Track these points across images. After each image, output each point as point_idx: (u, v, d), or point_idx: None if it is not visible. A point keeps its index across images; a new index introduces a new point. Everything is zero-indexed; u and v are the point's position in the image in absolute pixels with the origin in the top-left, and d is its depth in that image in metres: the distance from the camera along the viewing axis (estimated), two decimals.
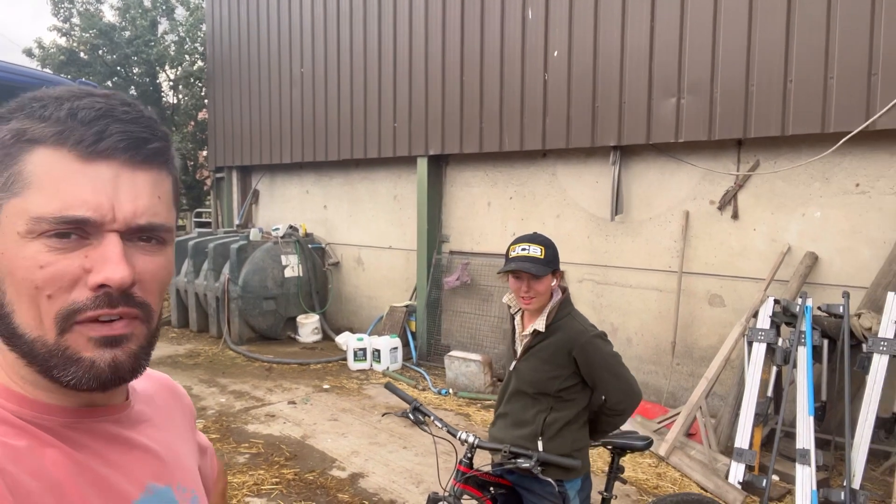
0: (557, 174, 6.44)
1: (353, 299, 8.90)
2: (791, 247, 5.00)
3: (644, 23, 5.45)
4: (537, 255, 2.35)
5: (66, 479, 0.64)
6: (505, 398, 2.58)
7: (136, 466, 0.73)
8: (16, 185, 0.63)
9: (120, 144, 0.65)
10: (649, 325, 5.87)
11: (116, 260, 0.64)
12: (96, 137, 0.63)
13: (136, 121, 0.66)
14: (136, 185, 0.66)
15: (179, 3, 14.62)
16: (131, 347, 0.67)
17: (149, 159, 0.67)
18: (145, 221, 0.66)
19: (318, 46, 8.62)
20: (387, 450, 4.85)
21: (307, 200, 9.51)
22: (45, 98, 0.65)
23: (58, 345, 0.64)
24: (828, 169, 4.83)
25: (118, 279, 0.63)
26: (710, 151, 5.42)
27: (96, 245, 0.64)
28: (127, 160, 0.65)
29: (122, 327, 0.66)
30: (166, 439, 0.81)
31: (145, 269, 0.67)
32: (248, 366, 7.27)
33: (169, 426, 0.84)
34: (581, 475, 2.44)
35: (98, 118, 0.64)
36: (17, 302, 0.64)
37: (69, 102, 0.64)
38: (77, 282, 0.63)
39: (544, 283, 2.38)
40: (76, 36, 13.36)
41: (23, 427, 0.65)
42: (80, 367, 0.64)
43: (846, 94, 4.46)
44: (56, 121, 0.63)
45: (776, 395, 4.51)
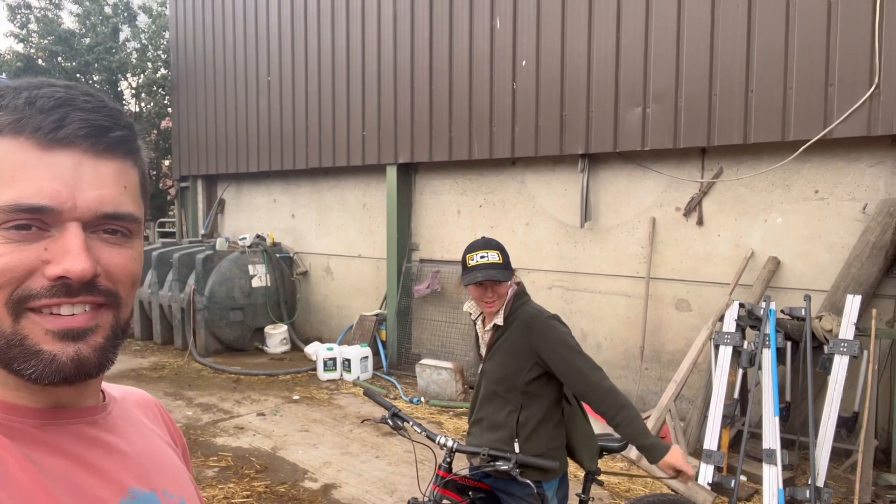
0: (526, 182, 6.50)
1: (322, 309, 8.82)
2: (754, 252, 5.13)
3: (610, 33, 5.56)
4: (496, 260, 2.41)
5: (38, 486, 0.61)
6: (477, 404, 2.59)
7: (116, 470, 0.70)
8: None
9: (80, 132, 0.62)
10: (618, 330, 5.95)
11: (77, 251, 0.61)
12: (55, 125, 0.61)
13: (97, 109, 0.64)
14: (100, 174, 0.64)
15: (142, 11, 14.38)
16: (97, 340, 0.65)
17: (112, 148, 0.65)
18: (111, 210, 0.64)
19: (285, 54, 8.57)
20: (359, 460, 4.80)
21: (275, 209, 9.41)
22: (3, 89, 0.63)
23: (15, 333, 0.61)
24: (788, 176, 4.98)
25: (78, 271, 0.61)
26: (675, 159, 5.54)
27: (57, 237, 0.61)
28: (88, 148, 0.63)
29: (85, 319, 0.63)
30: (149, 445, 0.78)
31: (111, 262, 0.65)
32: (215, 378, 7.13)
33: (152, 433, 0.81)
34: (559, 475, 2.46)
35: (57, 106, 0.62)
36: None
37: (28, 91, 0.62)
38: (33, 273, 0.61)
39: (504, 285, 2.44)
40: (34, 42, 13.03)
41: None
42: (41, 360, 0.61)
43: (805, 104, 4.61)
44: (13, 109, 0.61)
45: (742, 396, 4.61)
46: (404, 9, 7.09)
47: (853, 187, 4.70)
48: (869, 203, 4.61)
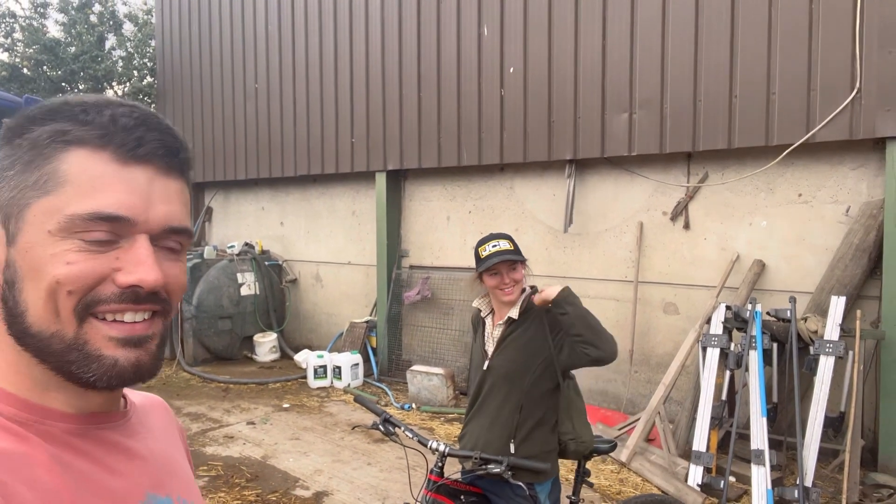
0: (515, 188, 6.54)
1: (311, 316, 8.80)
2: (740, 255, 5.19)
3: (596, 40, 5.62)
4: (508, 247, 2.48)
5: (64, 488, 0.62)
6: (479, 400, 2.61)
7: (136, 475, 0.72)
8: (49, 183, 0.64)
9: (158, 151, 0.68)
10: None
11: (150, 262, 0.65)
12: (136, 143, 0.66)
13: (168, 131, 0.70)
14: (168, 190, 0.69)
15: (127, 19, 14.33)
16: (152, 347, 0.69)
17: (178, 167, 0.70)
18: (176, 224, 0.69)
19: (272, 61, 8.57)
20: (351, 467, 4.80)
21: (263, 217, 9.39)
22: (83, 103, 0.67)
23: (76, 338, 0.64)
24: (772, 180, 5.05)
25: (151, 280, 0.65)
26: (661, 164, 5.60)
27: (127, 248, 0.65)
28: (161, 166, 0.68)
29: (145, 327, 0.67)
30: (165, 451, 0.80)
31: (170, 273, 0.69)
32: (204, 387, 7.09)
33: (167, 439, 0.83)
34: (550, 478, 2.48)
35: (137, 125, 0.67)
36: (34, 299, 0.63)
37: (109, 109, 0.66)
38: (103, 280, 0.64)
39: (520, 271, 2.51)
40: (19, 51, 12.94)
41: (20, 434, 0.63)
42: (102, 365, 0.65)
43: (787, 109, 4.69)
44: (100, 125, 0.65)
45: (730, 398, 4.65)
46: (392, 16, 7.13)
47: (836, 190, 4.77)
48: (852, 206, 4.69)
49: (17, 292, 0.64)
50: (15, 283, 0.64)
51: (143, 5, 14.80)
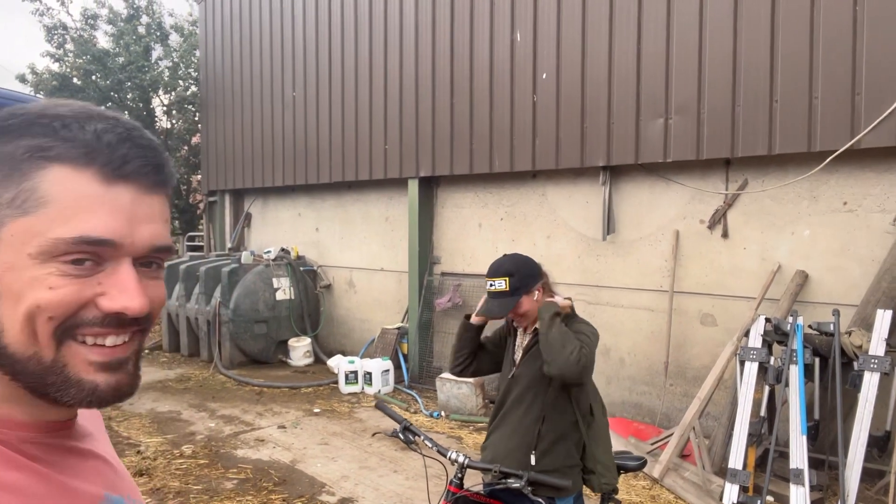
0: (547, 195, 6.46)
1: (344, 322, 8.85)
2: (781, 265, 5.01)
3: (631, 45, 5.52)
4: (503, 288, 2.43)
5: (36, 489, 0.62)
6: (503, 409, 2.57)
7: (93, 477, 0.72)
8: (28, 202, 0.61)
9: (143, 170, 0.65)
10: (641, 345, 5.84)
11: (134, 288, 0.63)
12: (121, 161, 0.63)
13: (151, 146, 0.67)
14: (152, 209, 0.66)
15: (173, 30, 14.76)
16: (130, 368, 0.68)
17: (161, 184, 0.68)
18: (160, 243, 0.67)
19: (309, 70, 8.69)
20: (377, 474, 4.78)
21: (299, 223, 9.50)
22: (62, 117, 0.63)
23: (55, 362, 0.62)
24: (815, 187, 4.86)
25: (137, 308, 0.63)
26: (698, 171, 5.45)
27: (110, 272, 0.63)
28: (145, 184, 0.65)
29: (125, 350, 0.66)
30: (110, 452, 0.80)
31: (152, 295, 0.67)
32: (239, 390, 7.19)
33: (105, 437, 0.83)
34: (572, 494, 2.41)
35: (122, 141, 0.64)
36: (11, 321, 0.61)
37: (91, 124, 0.63)
38: (86, 305, 0.62)
39: (522, 305, 2.45)
40: (69, 62, 13.45)
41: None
42: (82, 389, 0.63)
43: (831, 114, 4.51)
44: (83, 142, 0.62)
45: (769, 414, 4.48)
46: (425, 23, 7.15)
47: (883, 199, 4.56)
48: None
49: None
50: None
51: (188, 17, 15.23)
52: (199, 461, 4.98)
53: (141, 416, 6.12)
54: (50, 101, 0.67)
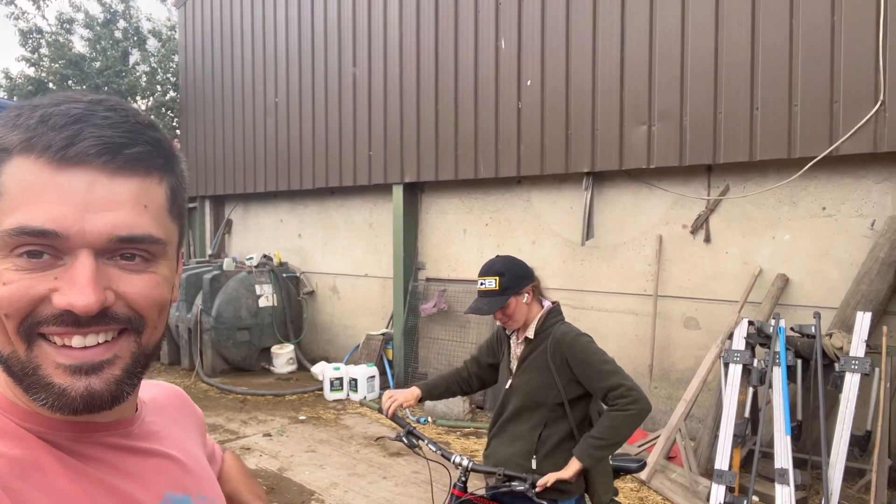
0: (532, 200, 6.51)
1: (328, 328, 8.81)
2: (762, 269, 5.11)
3: (614, 52, 5.60)
4: (492, 287, 2.46)
5: (78, 492, 0.62)
6: (501, 419, 2.58)
7: (152, 476, 0.71)
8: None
9: (92, 150, 0.58)
10: (626, 348, 5.91)
11: (83, 283, 0.58)
12: (66, 142, 0.58)
13: (116, 125, 0.60)
14: (115, 194, 0.60)
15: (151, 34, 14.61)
16: (112, 373, 0.62)
17: (129, 165, 0.61)
18: (125, 233, 0.60)
19: (292, 75, 8.66)
20: (366, 480, 4.76)
21: (281, 229, 9.45)
22: (25, 105, 0.60)
23: (29, 361, 0.59)
24: (795, 193, 4.97)
25: (82, 305, 0.57)
26: (681, 177, 5.54)
27: (68, 265, 0.58)
28: (102, 167, 0.59)
29: (100, 352, 0.61)
30: (182, 448, 0.79)
31: (130, 289, 0.61)
32: (222, 398, 7.11)
33: (183, 435, 0.83)
34: (574, 496, 2.43)
35: (71, 123, 0.58)
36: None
37: (44, 109, 0.59)
38: (42, 301, 0.58)
39: (510, 306, 2.47)
40: (45, 66, 13.24)
41: (30, 441, 0.62)
42: (51, 393, 0.59)
43: (810, 121, 4.62)
44: (26, 128, 0.58)
45: (753, 415, 4.55)
46: (410, 30, 7.17)
47: (861, 204, 4.68)
48: (877, 219, 4.59)
49: None
50: None
51: (166, 21, 15.09)
52: None
53: None
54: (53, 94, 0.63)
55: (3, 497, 0.56)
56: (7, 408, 0.64)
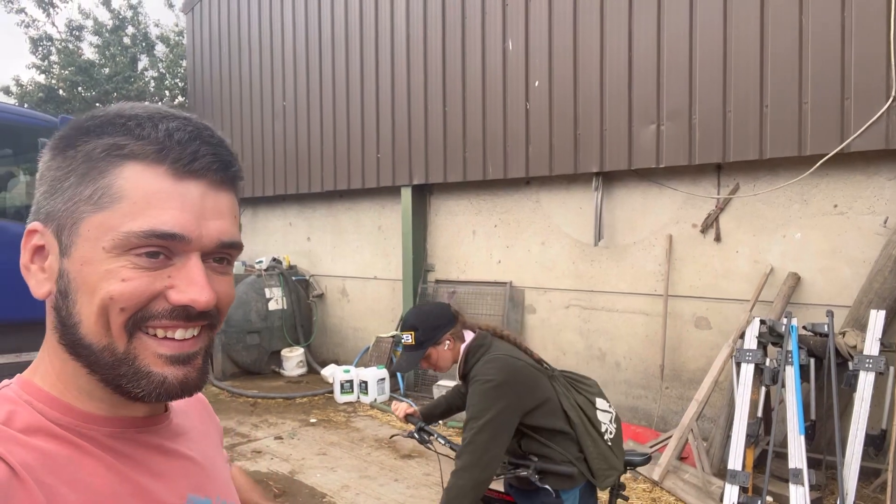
0: (541, 201, 6.50)
1: (338, 331, 8.82)
2: (774, 268, 5.07)
3: (622, 52, 5.58)
4: (409, 342, 2.46)
5: (106, 490, 0.64)
6: None
7: (177, 477, 0.73)
8: (104, 198, 0.64)
9: (212, 166, 0.67)
10: (637, 349, 5.89)
11: (203, 282, 0.65)
12: (191, 157, 0.66)
13: (221, 144, 0.70)
14: (220, 205, 0.69)
15: (159, 40, 14.70)
16: (199, 362, 0.69)
17: (229, 181, 0.70)
18: (227, 239, 0.68)
19: (300, 79, 8.69)
20: (377, 483, 4.76)
21: (290, 232, 9.48)
22: (137, 116, 0.67)
23: (127, 353, 0.65)
24: (806, 191, 4.94)
25: (204, 301, 0.65)
26: (690, 176, 5.52)
27: (180, 266, 0.65)
28: (213, 181, 0.68)
29: (193, 343, 0.68)
30: (205, 452, 0.81)
31: (220, 289, 0.69)
32: (232, 401, 7.13)
33: (206, 440, 0.84)
34: (578, 485, 2.41)
35: (192, 139, 0.67)
36: (87, 312, 0.64)
37: (164, 122, 0.66)
38: (155, 297, 0.65)
39: (431, 357, 2.46)
40: (55, 73, 13.35)
41: (63, 436, 0.64)
42: (151, 381, 0.66)
43: (821, 119, 4.59)
44: (155, 140, 0.65)
45: (766, 415, 4.52)
46: (417, 32, 7.19)
47: (873, 201, 4.65)
48: (890, 217, 4.55)
49: (70, 304, 0.65)
50: (69, 295, 0.65)
51: (174, 27, 15.19)
52: None
53: None
54: (126, 103, 0.69)
55: (35, 490, 0.57)
56: (49, 401, 0.66)
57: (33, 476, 0.58)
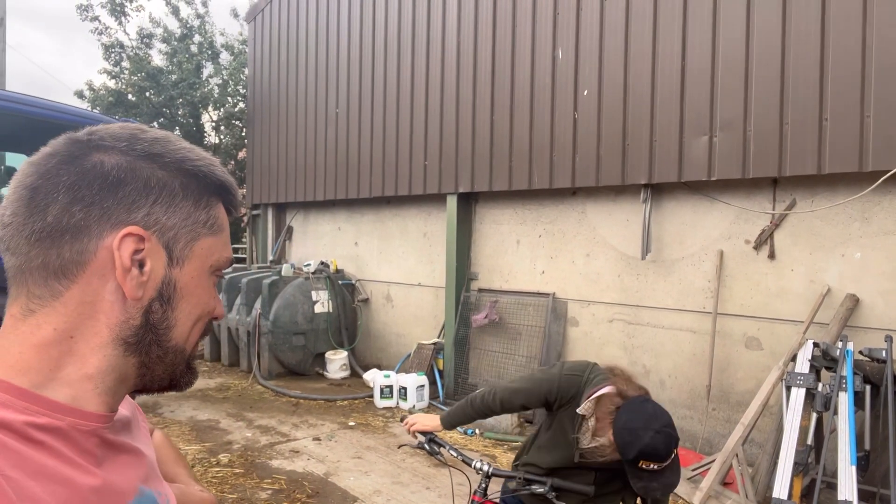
0: (587, 212, 6.39)
1: (381, 336, 8.89)
2: (831, 288, 4.83)
3: (675, 61, 5.44)
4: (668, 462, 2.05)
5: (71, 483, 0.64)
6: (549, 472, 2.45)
7: (129, 469, 0.73)
8: (215, 226, 0.77)
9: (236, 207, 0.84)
10: (683, 367, 5.70)
11: (221, 300, 0.81)
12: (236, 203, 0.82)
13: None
14: None
15: (224, 48, 15.23)
16: None
17: None
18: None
19: (353, 87, 8.84)
20: (409, 490, 4.75)
21: (339, 237, 9.62)
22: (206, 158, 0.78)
23: (191, 357, 0.78)
24: (867, 208, 4.69)
25: (224, 314, 0.87)
26: (744, 190, 5.32)
27: None
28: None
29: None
30: (145, 445, 0.82)
31: None
32: (276, 401, 7.26)
33: (140, 431, 0.85)
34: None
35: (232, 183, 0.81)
36: (184, 320, 0.74)
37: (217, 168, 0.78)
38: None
39: None
40: (125, 78, 13.99)
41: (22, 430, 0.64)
42: (193, 375, 0.79)
43: (884, 133, 4.35)
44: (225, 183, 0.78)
45: (817, 443, 4.29)
46: (467, 41, 7.20)
47: None
48: None
49: (170, 309, 0.72)
50: (171, 301, 0.72)
51: (238, 36, 15.71)
52: (234, 470, 5.04)
53: (181, 423, 6.23)
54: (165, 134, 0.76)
55: (3, 485, 0.57)
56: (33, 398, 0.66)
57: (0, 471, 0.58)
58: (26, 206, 0.67)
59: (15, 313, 0.68)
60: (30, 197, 0.67)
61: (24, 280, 0.68)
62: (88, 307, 0.68)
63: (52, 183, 0.67)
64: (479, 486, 2.37)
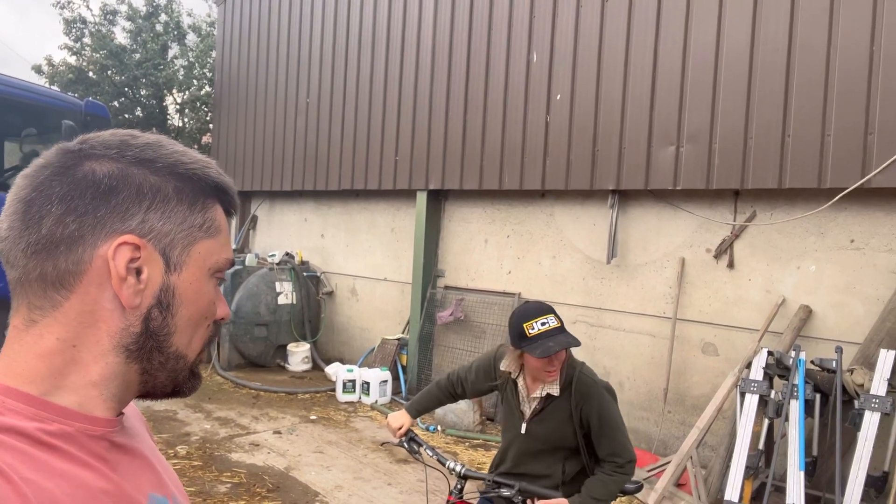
0: (555, 215, 6.48)
1: (345, 330, 8.85)
2: (786, 299, 5.02)
3: (647, 71, 5.56)
4: (557, 324, 2.28)
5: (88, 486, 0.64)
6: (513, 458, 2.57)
7: (140, 476, 0.74)
8: (211, 228, 0.76)
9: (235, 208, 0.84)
10: (641, 370, 5.84)
11: (224, 300, 0.80)
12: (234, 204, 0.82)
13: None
14: None
15: (191, 30, 14.87)
16: None
17: None
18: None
19: (325, 78, 8.75)
20: (371, 486, 4.77)
21: (305, 228, 9.53)
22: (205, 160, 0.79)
23: (193, 363, 0.77)
24: (823, 223, 4.88)
25: (229, 315, 0.82)
26: (707, 200, 5.47)
27: None
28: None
29: None
30: (152, 448, 0.82)
31: None
32: (236, 392, 7.18)
33: (146, 436, 0.85)
34: None
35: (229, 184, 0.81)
36: (184, 326, 0.74)
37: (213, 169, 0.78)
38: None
39: (564, 352, 2.37)
40: (86, 56, 13.54)
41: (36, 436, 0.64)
42: (197, 380, 0.79)
43: (843, 152, 4.53)
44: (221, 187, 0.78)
45: (767, 447, 4.47)
46: (443, 40, 7.21)
47: (891, 239, 4.58)
48: None
49: (170, 315, 0.72)
50: (170, 307, 0.72)
51: (206, 17, 15.35)
52: (192, 462, 4.97)
53: None
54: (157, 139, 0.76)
55: (22, 487, 0.58)
56: (43, 405, 0.66)
57: (18, 474, 0.58)
58: (21, 218, 0.67)
59: (18, 324, 0.69)
60: (24, 210, 0.68)
61: (25, 291, 0.68)
62: (88, 316, 0.68)
63: (46, 195, 0.67)
64: (454, 488, 2.41)
